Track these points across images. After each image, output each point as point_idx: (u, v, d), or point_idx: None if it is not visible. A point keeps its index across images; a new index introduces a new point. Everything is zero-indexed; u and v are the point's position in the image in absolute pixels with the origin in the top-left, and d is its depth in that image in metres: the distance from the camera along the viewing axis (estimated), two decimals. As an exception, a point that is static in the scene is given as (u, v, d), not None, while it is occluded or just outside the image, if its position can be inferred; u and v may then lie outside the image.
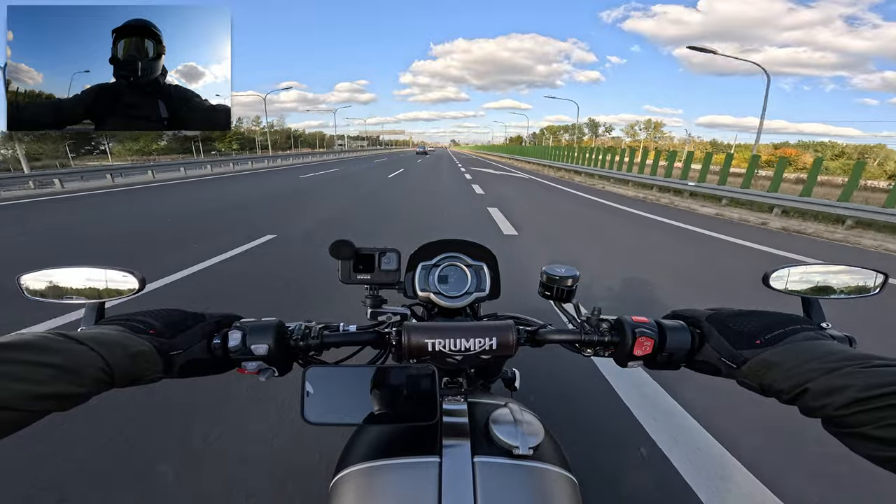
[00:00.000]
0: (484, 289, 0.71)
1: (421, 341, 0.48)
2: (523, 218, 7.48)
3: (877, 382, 0.31)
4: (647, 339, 0.49)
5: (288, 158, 30.25)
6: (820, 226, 7.40)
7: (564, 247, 5.45)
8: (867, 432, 0.30)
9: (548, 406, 1.85)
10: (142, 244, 5.05)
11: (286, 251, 4.70)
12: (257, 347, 0.48)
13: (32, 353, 0.32)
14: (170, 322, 0.46)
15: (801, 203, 8.16)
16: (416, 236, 5.39)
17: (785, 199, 8.47)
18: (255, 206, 8.41)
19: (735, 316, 0.49)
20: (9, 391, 0.29)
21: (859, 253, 5.63)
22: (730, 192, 9.80)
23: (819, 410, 0.34)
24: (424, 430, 0.52)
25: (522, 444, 0.50)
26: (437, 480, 0.46)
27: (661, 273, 4.26)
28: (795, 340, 0.43)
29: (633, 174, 14.61)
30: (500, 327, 0.49)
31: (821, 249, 5.68)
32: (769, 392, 0.40)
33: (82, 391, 0.34)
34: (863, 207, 7.14)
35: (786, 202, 8.45)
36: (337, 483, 0.50)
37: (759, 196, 9.06)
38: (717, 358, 0.46)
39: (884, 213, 6.80)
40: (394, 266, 0.71)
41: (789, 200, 8.37)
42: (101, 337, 0.38)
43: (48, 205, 8.94)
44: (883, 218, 6.80)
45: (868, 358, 0.34)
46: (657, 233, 6.65)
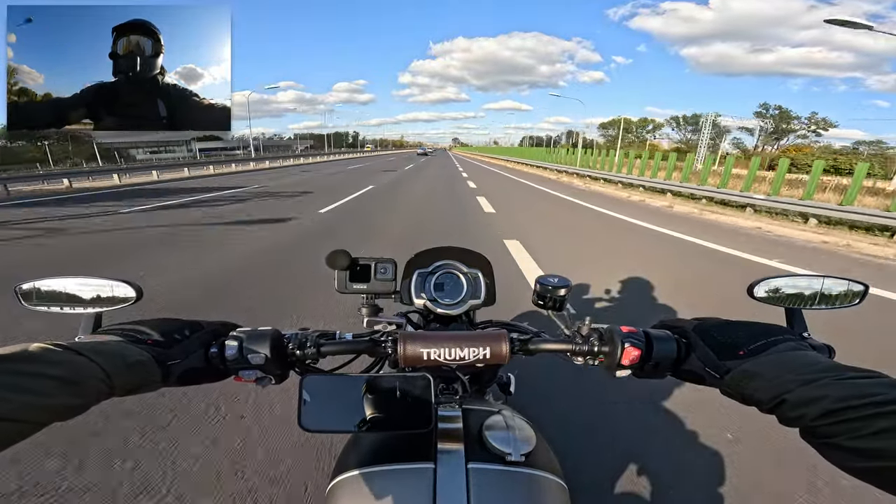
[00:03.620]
0: (479, 296, 0.72)
1: (416, 350, 0.49)
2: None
3: (850, 394, 0.32)
4: (635, 348, 0.50)
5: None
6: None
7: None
8: (840, 443, 0.31)
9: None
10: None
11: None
12: (254, 357, 0.48)
13: (35, 364, 0.32)
14: (167, 331, 0.47)
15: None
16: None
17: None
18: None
19: (720, 326, 0.50)
20: (12, 403, 0.29)
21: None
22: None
23: (796, 421, 0.35)
24: (419, 437, 0.53)
25: (515, 451, 0.51)
26: (432, 486, 0.47)
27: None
28: (777, 351, 0.44)
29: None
30: (494, 336, 0.50)
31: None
32: (750, 402, 0.41)
33: (83, 401, 0.34)
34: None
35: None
36: (333, 488, 0.51)
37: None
38: (701, 368, 0.47)
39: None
40: (390, 276, 0.71)
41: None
42: (101, 347, 0.38)
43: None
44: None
45: (844, 369, 0.35)
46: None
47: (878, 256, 5.36)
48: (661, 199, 10.58)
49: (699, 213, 8.56)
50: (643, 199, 10.69)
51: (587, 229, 6.46)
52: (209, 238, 5.22)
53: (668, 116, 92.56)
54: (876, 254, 5.46)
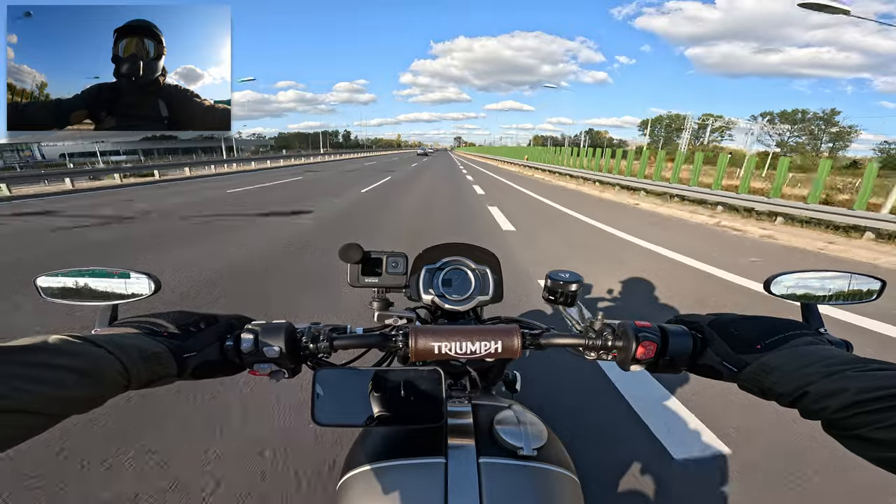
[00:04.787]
0: (487, 292, 0.72)
1: (428, 344, 0.49)
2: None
3: (874, 385, 0.32)
4: (650, 343, 0.49)
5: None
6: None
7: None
8: (864, 434, 0.31)
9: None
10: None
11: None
12: (269, 350, 0.48)
13: (54, 356, 0.31)
14: (183, 324, 0.47)
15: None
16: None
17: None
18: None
19: (736, 321, 0.50)
20: (30, 395, 0.28)
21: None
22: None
23: (818, 413, 0.35)
24: (430, 432, 0.53)
25: (526, 445, 0.51)
26: (444, 481, 0.47)
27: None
28: (795, 345, 0.43)
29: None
30: (506, 331, 0.50)
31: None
32: (769, 395, 0.41)
33: (101, 394, 0.34)
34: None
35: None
36: (345, 484, 0.51)
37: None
38: (718, 362, 0.47)
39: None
40: (401, 270, 0.71)
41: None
42: (118, 339, 0.38)
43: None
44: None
45: (866, 362, 0.36)
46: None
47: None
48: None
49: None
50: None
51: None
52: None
53: (747, 116, 69.87)
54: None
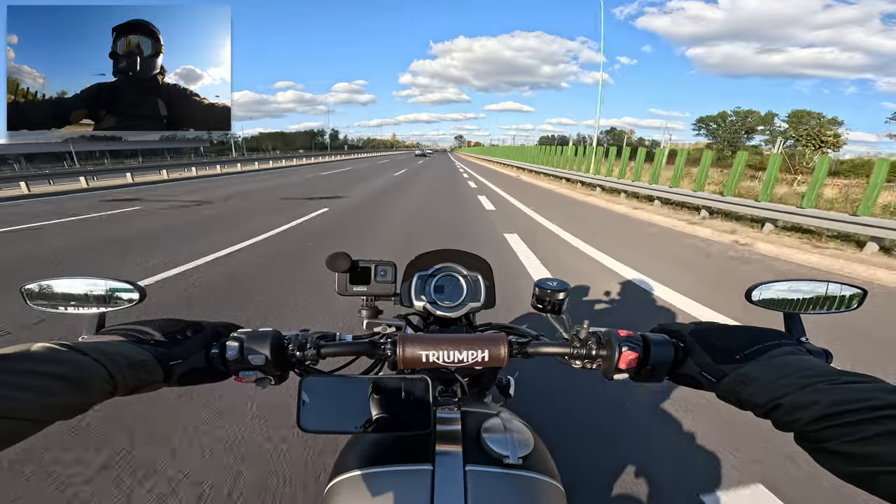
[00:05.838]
0: (479, 299, 0.72)
1: (415, 352, 0.49)
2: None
3: (843, 399, 0.32)
4: (633, 352, 0.50)
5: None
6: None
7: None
8: (832, 447, 0.31)
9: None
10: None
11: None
12: (254, 357, 0.48)
13: (39, 363, 0.32)
14: (169, 332, 0.47)
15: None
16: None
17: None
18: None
19: (717, 331, 0.50)
20: (16, 402, 0.29)
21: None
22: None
23: (791, 425, 0.35)
24: (418, 439, 0.53)
25: (512, 454, 0.51)
26: (430, 488, 0.48)
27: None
28: (773, 356, 0.44)
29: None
30: (493, 339, 0.50)
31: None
32: (746, 406, 0.41)
33: (86, 401, 0.34)
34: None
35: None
36: (332, 489, 0.52)
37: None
38: (698, 372, 0.47)
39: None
40: (389, 278, 0.72)
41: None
42: (104, 347, 0.38)
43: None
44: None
45: (839, 374, 0.36)
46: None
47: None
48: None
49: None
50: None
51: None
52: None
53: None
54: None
